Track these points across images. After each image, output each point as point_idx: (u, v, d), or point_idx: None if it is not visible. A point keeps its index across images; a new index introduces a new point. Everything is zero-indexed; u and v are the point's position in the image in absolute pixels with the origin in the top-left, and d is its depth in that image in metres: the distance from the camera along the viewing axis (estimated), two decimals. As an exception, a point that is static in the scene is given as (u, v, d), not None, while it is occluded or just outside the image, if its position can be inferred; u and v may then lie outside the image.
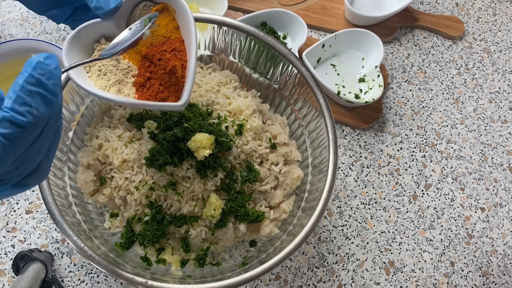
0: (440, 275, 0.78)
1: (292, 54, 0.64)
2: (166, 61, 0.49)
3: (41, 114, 0.28)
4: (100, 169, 0.61)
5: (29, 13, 0.94)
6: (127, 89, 0.49)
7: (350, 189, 0.83)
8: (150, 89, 0.49)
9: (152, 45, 0.50)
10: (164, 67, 0.49)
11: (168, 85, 0.49)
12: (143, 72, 0.49)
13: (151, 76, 0.49)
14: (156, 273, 0.57)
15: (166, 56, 0.49)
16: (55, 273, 0.71)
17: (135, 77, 0.49)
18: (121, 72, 0.49)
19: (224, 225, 0.59)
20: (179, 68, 0.48)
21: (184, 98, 0.46)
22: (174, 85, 0.48)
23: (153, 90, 0.49)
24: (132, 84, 0.49)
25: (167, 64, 0.48)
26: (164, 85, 0.49)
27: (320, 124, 0.63)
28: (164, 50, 0.49)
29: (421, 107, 0.93)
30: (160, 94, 0.48)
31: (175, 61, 0.49)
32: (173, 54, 0.49)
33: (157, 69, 0.49)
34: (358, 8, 0.98)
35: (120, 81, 0.49)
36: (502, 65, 1.00)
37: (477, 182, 0.86)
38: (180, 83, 0.48)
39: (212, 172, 0.58)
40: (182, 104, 0.46)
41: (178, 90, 0.48)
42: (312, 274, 0.75)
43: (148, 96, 0.49)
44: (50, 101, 0.28)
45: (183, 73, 0.49)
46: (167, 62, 0.48)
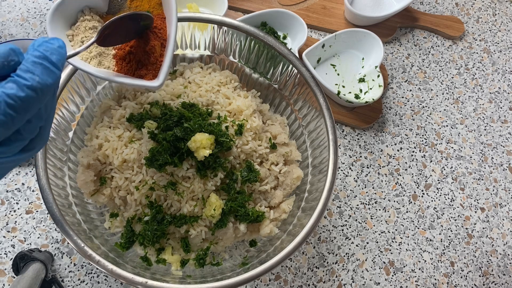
0: (440, 275, 0.78)
1: (292, 54, 0.64)
2: (146, 39, 0.49)
3: (43, 81, 0.31)
4: (100, 169, 0.61)
5: (29, 13, 0.94)
6: (107, 61, 0.50)
7: (350, 189, 0.83)
8: (129, 64, 0.50)
9: None
10: (144, 45, 0.49)
11: (146, 63, 0.49)
12: (124, 46, 0.50)
13: (131, 51, 0.50)
14: (156, 273, 0.57)
15: (147, 34, 0.49)
16: (55, 273, 0.71)
17: (115, 50, 0.50)
18: None
19: (224, 225, 0.59)
20: (158, 47, 0.49)
21: (160, 79, 0.47)
22: (152, 64, 0.49)
23: (132, 66, 0.50)
24: (113, 56, 0.50)
25: (147, 43, 0.49)
26: (143, 62, 0.49)
27: (320, 124, 0.63)
28: None
29: (421, 107, 0.93)
30: (139, 71, 0.49)
31: (154, 39, 0.49)
32: (154, 32, 0.50)
33: (137, 45, 0.50)
34: (358, 8, 0.98)
35: (101, 54, 0.50)
36: (502, 65, 1.00)
37: (477, 182, 0.86)
38: (158, 62, 0.49)
39: (212, 172, 0.58)
40: (158, 85, 0.46)
41: (156, 69, 0.49)
42: (312, 274, 0.75)
43: (127, 70, 0.49)
44: (52, 72, 0.32)
45: (161, 52, 0.49)
46: (147, 40, 0.49)
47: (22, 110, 0.30)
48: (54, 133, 0.58)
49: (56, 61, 0.32)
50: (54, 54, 0.32)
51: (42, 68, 0.31)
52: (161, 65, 0.48)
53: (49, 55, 0.32)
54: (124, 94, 0.66)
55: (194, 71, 0.68)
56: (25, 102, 0.30)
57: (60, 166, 0.59)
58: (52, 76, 0.32)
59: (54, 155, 0.58)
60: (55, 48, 0.32)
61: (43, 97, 0.32)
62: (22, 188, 0.77)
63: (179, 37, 0.69)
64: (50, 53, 0.32)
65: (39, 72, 0.31)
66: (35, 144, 0.35)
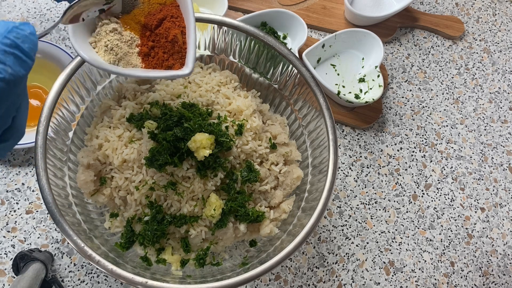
0: (440, 275, 0.78)
1: (292, 54, 0.64)
2: (167, 30, 0.50)
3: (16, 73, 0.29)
4: (100, 169, 0.61)
5: (29, 13, 0.94)
6: (134, 60, 0.50)
7: (350, 189, 0.83)
8: (155, 58, 0.50)
9: (150, 14, 0.51)
10: (166, 36, 0.50)
11: (171, 53, 0.50)
12: (146, 41, 0.50)
13: (154, 45, 0.50)
14: (156, 273, 0.57)
15: (166, 25, 0.50)
16: (55, 273, 0.71)
17: (139, 47, 0.50)
18: (126, 44, 0.50)
19: (224, 225, 0.59)
20: (179, 36, 0.49)
21: (189, 66, 0.48)
22: (177, 52, 0.50)
23: (159, 58, 0.50)
24: (137, 54, 0.50)
25: (168, 33, 0.49)
26: (168, 53, 0.50)
27: (320, 124, 0.63)
28: (162, 18, 0.50)
29: (421, 107, 0.93)
30: (166, 62, 0.50)
31: (174, 29, 0.49)
32: (172, 21, 0.50)
33: (159, 38, 0.50)
34: (358, 8, 0.98)
35: (126, 53, 0.50)
36: (502, 65, 1.00)
37: (477, 182, 0.86)
38: (183, 50, 0.50)
39: (212, 172, 0.58)
40: (189, 72, 0.47)
41: (182, 57, 0.50)
42: (312, 274, 0.75)
43: (155, 64, 0.50)
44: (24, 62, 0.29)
45: (183, 40, 0.50)
46: (168, 31, 0.50)
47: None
48: (54, 133, 0.58)
49: (29, 50, 0.30)
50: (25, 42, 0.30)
51: (14, 58, 0.29)
52: (187, 52, 0.49)
53: (20, 43, 0.29)
54: (124, 94, 0.66)
55: (194, 71, 0.68)
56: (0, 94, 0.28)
57: (60, 166, 0.59)
58: (24, 66, 0.30)
59: (54, 155, 0.58)
60: (26, 35, 0.30)
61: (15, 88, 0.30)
62: (22, 188, 0.77)
63: (179, 37, 0.69)
64: (22, 41, 0.29)
65: (11, 63, 0.29)
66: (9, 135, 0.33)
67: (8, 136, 0.33)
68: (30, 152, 0.79)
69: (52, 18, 0.94)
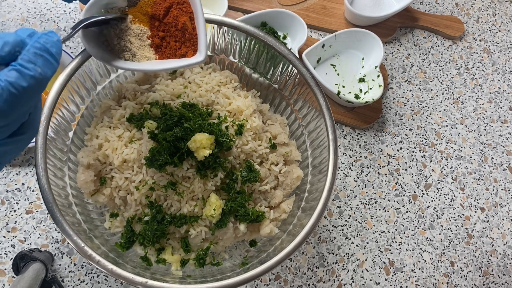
0: (440, 275, 0.78)
1: (292, 54, 0.64)
2: (175, 18, 0.49)
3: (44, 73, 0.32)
4: (100, 169, 0.61)
5: (29, 13, 0.94)
6: (147, 52, 0.50)
7: (350, 189, 0.83)
8: (167, 48, 0.50)
9: (156, 3, 0.51)
10: (175, 25, 0.49)
11: (183, 41, 0.50)
12: (156, 32, 0.50)
13: (165, 35, 0.50)
14: (156, 273, 0.57)
15: (173, 13, 0.49)
16: (55, 273, 0.71)
17: (150, 39, 0.50)
18: (137, 38, 0.50)
19: (224, 225, 0.59)
20: (188, 23, 0.49)
21: (202, 52, 0.48)
22: (188, 40, 0.50)
23: (171, 48, 0.50)
24: (150, 46, 0.50)
25: (177, 21, 0.49)
26: (180, 41, 0.50)
27: (320, 124, 0.63)
28: (168, 6, 0.50)
29: (421, 107, 0.93)
30: (179, 50, 0.50)
31: (182, 16, 0.49)
32: (179, 8, 0.50)
33: (168, 27, 0.50)
34: (358, 8, 0.98)
35: (139, 47, 0.50)
36: (502, 65, 1.00)
37: (477, 182, 0.86)
38: (193, 37, 0.49)
39: (212, 172, 0.58)
40: (203, 58, 0.47)
41: (194, 44, 0.50)
42: (312, 274, 0.75)
43: (168, 54, 0.50)
44: (51, 64, 0.32)
45: (193, 26, 0.50)
46: (176, 19, 0.49)
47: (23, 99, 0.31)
48: (54, 133, 0.58)
49: (56, 54, 0.33)
50: (53, 47, 0.33)
51: (43, 60, 0.32)
52: (198, 38, 0.49)
53: (49, 47, 0.32)
54: (124, 94, 0.66)
55: (194, 71, 0.68)
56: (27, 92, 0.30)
57: (60, 166, 0.59)
58: (51, 68, 0.32)
59: (54, 155, 0.58)
60: (54, 42, 0.33)
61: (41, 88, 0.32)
62: (22, 188, 0.77)
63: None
64: (50, 45, 0.33)
65: (40, 64, 0.31)
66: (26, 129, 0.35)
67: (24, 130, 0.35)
68: (30, 152, 0.79)
69: (52, 18, 0.94)
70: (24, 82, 0.30)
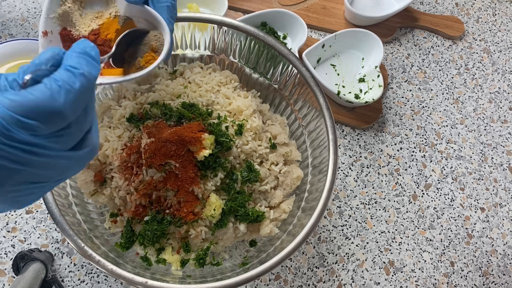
0: (440, 275, 0.78)
1: (292, 54, 0.64)
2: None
3: (90, 71, 0.32)
4: (100, 169, 0.61)
5: (29, 13, 0.94)
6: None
7: (350, 189, 0.83)
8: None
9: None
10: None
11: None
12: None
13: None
14: (156, 273, 0.57)
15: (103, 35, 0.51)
16: (55, 273, 0.71)
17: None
18: None
19: (224, 225, 0.59)
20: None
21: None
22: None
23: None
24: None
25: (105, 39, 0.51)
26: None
27: (320, 124, 0.63)
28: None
29: (421, 107, 0.93)
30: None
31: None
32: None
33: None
34: (358, 8, 0.98)
35: None
36: (502, 65, 1.00)
37: (477, 182, 0.86)
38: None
39: (212, 172, 0.58)
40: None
41: None
42: (312, 274, 0.75)
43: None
44: (94, 65, 0.33)
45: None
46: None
47: (78, 100, 0.31)
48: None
49: (96, 56, 0.34)
50: (92, 50, 0.34)
51: (86, 61, 0.32)
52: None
53: (88, 51, 0.33)
54: (124, 94, 0.66)
55: (194, 71, 0.68)
56: (80, 91, 0.31)
57: (60, 166, 0.59)
58: (95, 69, 0.33)
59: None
60: (92, 46, 0.34)
61: (91, 89, 0.33)
62: (22, 188, 0.77)
63: (179, 37, 0.69)
64: (89, 49, 0.34)
65: (84, 64, 0.32)
66: (88, 143, 0.35)
67: (88, 144, 0.35)
68: (30, 152, 0.79)
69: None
70: (76, 80, 0.31)
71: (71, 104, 0.30)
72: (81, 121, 0.34)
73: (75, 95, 0.31)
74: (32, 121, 0.29)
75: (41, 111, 0.29)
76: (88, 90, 0.32)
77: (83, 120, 0.34)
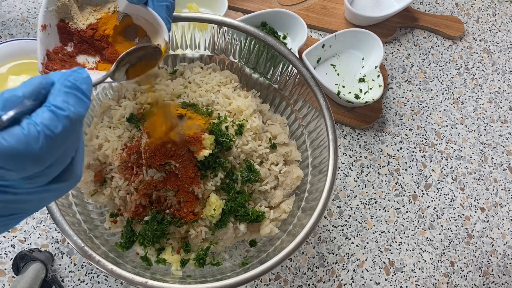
0: (440, 275, 0.78)
1: (292, 54, 0.64)
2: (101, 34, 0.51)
3: (77, 111, 0.30)
4: (100, 169, 0.61)
5: (29, 13, 0.94)
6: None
7: (350, 189, 0.83)
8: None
9: None
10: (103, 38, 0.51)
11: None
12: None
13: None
14: (156, 273, 0.57)
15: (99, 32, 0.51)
16: (55, 273, 0.71)
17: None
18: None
19: (224, 225, 0.59)
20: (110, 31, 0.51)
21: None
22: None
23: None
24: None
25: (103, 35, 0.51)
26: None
27: (320, 124, 0.63)
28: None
29: (421, 107, 0.93)
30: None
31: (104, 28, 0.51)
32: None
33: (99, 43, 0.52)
34: (358, 8, 0.98)
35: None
36: (502, 65, 1.00)
37: (477, 182, 0.86)
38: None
39: (212, 172, 0.58)
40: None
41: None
42: (312, 274, 0.75)
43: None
44: (83, 102, 0.31)
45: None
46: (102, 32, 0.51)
47: (58, 142, 0.29)
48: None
49: (86, 91, 0.32)
50: (83, 84, 0.31)
51: (75, 98, 0.30)
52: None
53: (79, 85, 0.31)
54: (124, 94, 0.66)
55: (194, 71, 0.68)
56: (62, 134, 0.29)
57: (60, 166, 0.59)
58: (84, 106, 0.31)
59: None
60: (84, 78, 0.32)
61: (76, 128, 0.31)
62: (22, 188, 0.77)
63: (179, 37, 0.69)
64: (80, 83, 0.31)
65: (73, 102, 0.30)
66: (68, 176, 0.33)
67: (66, 177, 0.33)
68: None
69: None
70: (59, 124, 0.28)
71: (49, 149, 0.28)
72: (62, 159, 0.31)
73: (55, 141, 0.28)
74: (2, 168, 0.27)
75: (12, 159, 0.27)
76: (71, 132, 0.30)
77: (65, 157, 0.31)
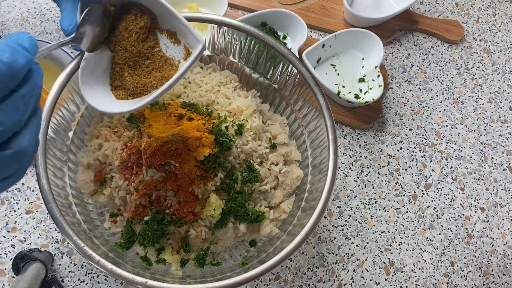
0: (440, 275, 0.78)
1: (292, 54, 0.64)
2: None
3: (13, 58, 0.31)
4: (100, 169, 0.61)
5: (29, 13, 0.94)
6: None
7: (350, 189, 0.83)
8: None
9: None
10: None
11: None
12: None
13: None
14: (156, 273, 0.57)
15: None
16: (55, 273, 0.71)
17: None
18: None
19: (224, 225, 0.59)
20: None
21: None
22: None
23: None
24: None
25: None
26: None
27: (320, 124, 0.63)
28: None
29: (421, 107, 0.93)
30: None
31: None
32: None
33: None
34: (357, 9, 0.98)
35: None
36: (502, 65, 1.00)
37: (477, 182, 0.86)
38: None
39: (212, 172, 0.58)
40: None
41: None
42: (312, 274, 0.75)
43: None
44: (22, 54, 0.31)
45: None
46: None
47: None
48: (54, 133, 0.58)
49: (28, 46, 0.32)
50: (25, 41, 0.32)
51: (11, 49, 0.31)
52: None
53: (20, 42, 0.32)
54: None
55: (194, 71, 0.68)
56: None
57: (60, 166, 0.59)
58: (22, 56, 0.31)
59: (54, 155, 0.58)
60: (26, 37, 0.33)
61: (13, 76, 0.31)
62: (22, 188, 0.77)
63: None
64: (21, 40, 0.32)
65: (8, 51, 0.31)
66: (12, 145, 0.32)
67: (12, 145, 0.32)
68: (30, 152, 0.79)
69: (52, 18, 0.94)
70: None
71: None
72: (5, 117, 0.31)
73: None
74: None
75: None
76: (8, 77, 0.30)
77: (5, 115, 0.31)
